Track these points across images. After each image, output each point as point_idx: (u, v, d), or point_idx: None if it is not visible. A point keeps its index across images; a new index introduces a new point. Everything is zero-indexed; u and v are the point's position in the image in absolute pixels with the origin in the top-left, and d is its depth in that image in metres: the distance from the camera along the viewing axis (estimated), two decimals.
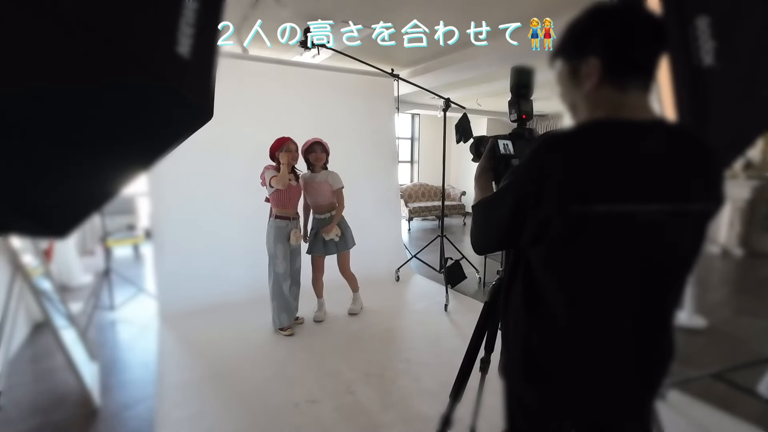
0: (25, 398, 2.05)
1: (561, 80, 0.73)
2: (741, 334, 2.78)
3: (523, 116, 1.06)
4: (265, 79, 3.49)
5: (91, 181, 0.69)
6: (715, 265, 4.55)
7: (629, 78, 0.65)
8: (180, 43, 0.74)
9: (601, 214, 0.62)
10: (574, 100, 0.72)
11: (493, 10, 3.00)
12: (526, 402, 0.78)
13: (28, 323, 2.79)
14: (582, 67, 0.67)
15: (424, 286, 3.87)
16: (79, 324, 2.45)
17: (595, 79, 0.66)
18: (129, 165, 0.73)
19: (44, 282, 2.19)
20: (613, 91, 0.66)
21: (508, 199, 0.70)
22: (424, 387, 2.12)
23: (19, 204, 0.62)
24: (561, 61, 0.72)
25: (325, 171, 2.83)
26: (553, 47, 0.73)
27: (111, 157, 0.69)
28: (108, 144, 0.66)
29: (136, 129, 0.69)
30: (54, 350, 2.44)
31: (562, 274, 0.68)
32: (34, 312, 2.76)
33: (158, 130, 0.74)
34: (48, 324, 1.84)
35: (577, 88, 0.69)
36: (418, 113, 8.18)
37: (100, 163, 0.67)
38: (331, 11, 3.01)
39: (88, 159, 0.65)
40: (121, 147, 0.69)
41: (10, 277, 1.76)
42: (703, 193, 0.65)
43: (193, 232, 3.25)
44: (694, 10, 1.20)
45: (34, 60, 0.52)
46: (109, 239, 3.67)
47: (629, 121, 0.65)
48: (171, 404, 1.98)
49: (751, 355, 2.33)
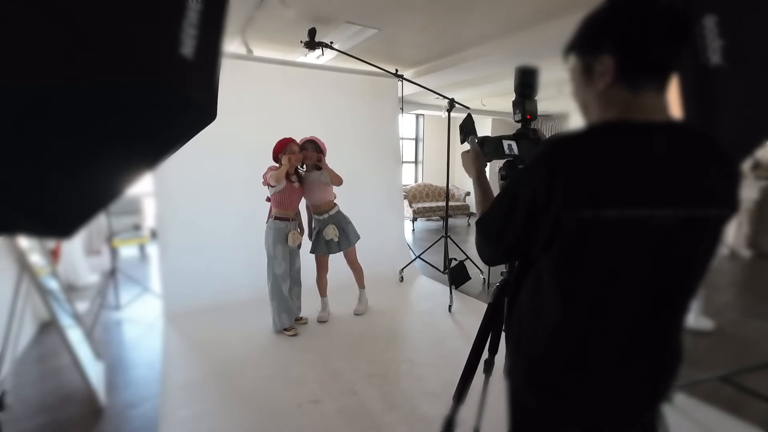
0: (32, 397, 2.06)
1: (574, 77, 0.70)
2: (749, 336, 2.75)
3: (527, 116, 1.05)
4: (269, 79, 3.51)
5: (96, 182, 0.69)
6: (722, 267, 4.50)
7: (644, 78, 0.62)
8: (183, 44, 0.75)
9: (612, 219, 0.60)
10: (586, 98, 0.69)
11: (497, 10, 2.99)
12: (529, 406, 0.77)
13: (35, 322, 2.81)
14: (595, 65, 0.64)
15: (428, 286, 3.86)
16: (85, 323, 2.47)
17: (608, 78, 0.63)
18: (133, 165, 0.73)
19: (51, 281, 2.21)
20: (627, 91, 0.63)
21: (515, 207, 0.68)
22: (428, 388, 2.12)
23: (24, 204, 0.62)
24: (574, 56, 0.69)
25: (318, 171, 2.80)
26: (568, 41, 0.69)
27: (115, 158, 0.69)
28: (112, 144, 0.66)
29: (140, 129, 0.69)
30: (60, 349, 2.47)
31: (571, 278, 0.66)
32: (40, 311, 2.79)
33: (162, 130, 0.74)
34: (54, 323, 1.85)
35: (590, 86, 0.67)
36: (423, 114, 8.18)
37: (104, 164, 0.68)
38: (335, 12, 3.01)
39: (92, 159, 0.65)
40: (126, 147, 0.69)
41: (18, 277, 1.78)
42: (717, 198, 0.63)
43: (198, 232, 3.27)
44: (701, 8, 1.19)
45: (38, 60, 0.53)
46: (115, 239, 3.70)
47: (642, 122, 0.62)
48: (175, 403, 1.99)
49: (759, 358, 2.30)
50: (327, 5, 2.88)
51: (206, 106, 0.78)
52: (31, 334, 2.72)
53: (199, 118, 0.77)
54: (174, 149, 0.79)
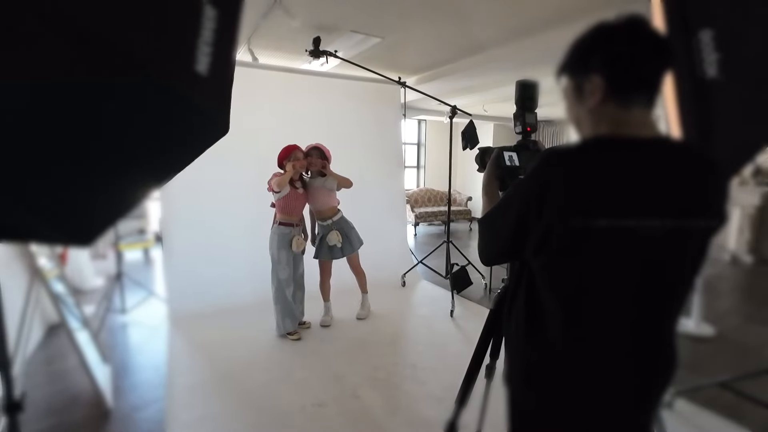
0: (40, 399, 2.10)
1: (566, 96, 0.75)
2: (750, 342, 2.75)
3: (527, 128, 1.08)
4: (273, 86, 3.56)
5: (117, 192, 0.73)
6: (724, 273, 4.50)
7: (633, 95, 0.66)
8: (198, 61, 0.79)
9: (602, 228, 0.63)
10: (578, 115, 0.73)
11: (497, 20, 3.03)
12: (528, 407, 0.80)
13: (43, 325, 2.85)
14: (585, 84, 0.68)
15: (430, 291, 3.88)
16: (92, 326, 2.50)
17: (598, 96, 0.67)
18: (151, 176, 0.77)
19: (58, 285, 2.25)
20: (617, 108, 0.66)
21: (511, 211, 0.72)
22: (430, 392, 2.14)
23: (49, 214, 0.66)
24: (565, 77, 0.73)
25: (322, 177, 2.84)
26: (559, 63, 0.74)
27: (135, 170, 0.73)
28: (133, 156, 0.70)
29: (159, 144, 0.73)
30: (67, 352, 2.50)
31: (562, 285, 0.69)
32: (48, 314, 2.83)
33: (179, 143, 0.78)
34: (63, 326, 1.89)
35: (581, 104, 0.71)
36: (425, 119, 8.23)
37: (124, 176, 0.71)
38: (340, 21, 3.07)
39: (115, 171, 0.69)
40: (144, 161, 0.73)
41: (29, 281, 1.82)
42: (705, 210, 0.66)
43: (203, 236, 3.31)
44: (697, 23, 1.22)
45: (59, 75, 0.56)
46: (121, 243, 3.74)
47: (632, 137, 0.66)
48: (180, 406, 2.02)
49: (761, 364, 2.31)
50: (332, 15, 2.93)
51: (219, 120, 0.81)
52: (39, 336, 2.75)
53: (213, 132, 0.81)
54: (189, 161, 0.83)
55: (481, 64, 4.02)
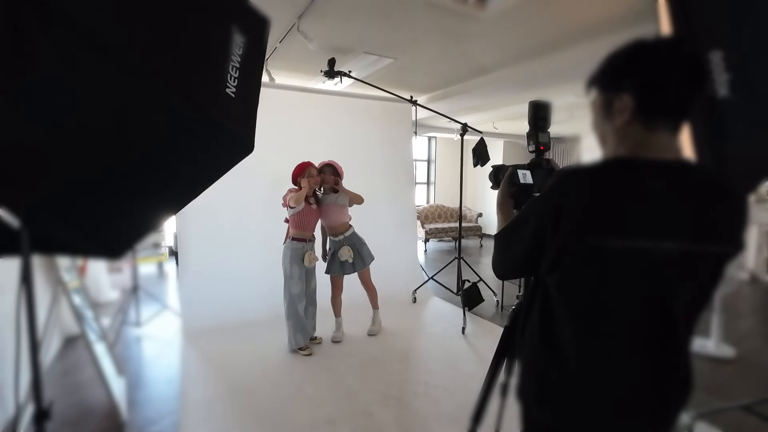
0: (56, 410, 2.10)
1: (594, 109, 0.74)
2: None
3: (540, 147, 1.11)
4: (289, 105, 3.65)
5: (149, 210, 0.77)
6: (743, 292, 4.38)
7: (660, 119, 0.65)
8: (228, 85, 0.84)
9: (616, 248, 0.63)
10: (604, 131, 0.73)
11: (505, 42, 3.10)
12: (543, 423, 0.79)
13: (60, 337, 2.90)
14: (615, 102, 0.67)
15: (441, 308, 3.86)
16: (108, 339, 2.54)
17: (626, 115, 0.66)
18: (181, 196, 0.81)
19: (77, 297, 2.31)
20: (642, 130, 0.66)
21: (527, 228, 0.74)
22: (443, 411, 2.11)
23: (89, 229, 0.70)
24: (596, 90, 0.73)
25: (334, 193, 2.89)
26: (591, 74, 0.72)
27: (169, 191, 0.77)
28: (170, 180, 0.74)
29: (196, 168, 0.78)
30: (82, 364, 2.54)
31: (575, 302, 0.70)
32: (67, 326, 2.88)
33: (210, 165, 0.83)
34: (83, 338, 1.93)
35: (608, 120, 0.70)
36: (435, 136, 8.31)
37: (159, 195, 0.76)
38: (354, 43, 3.16)
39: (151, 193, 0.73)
40: (179, 182, 0.77)
41: (52, 293, 1.87)
42: (721, 235, 0.66)
43: (216, 251, 3.37)
44: (707, 45, 1.24)
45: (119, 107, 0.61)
46: (137, 257, 3.81)
47: (652, 160, 0.65)
48: (193, 421, 2.02)
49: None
50: (347, 37, 3.03)
51: (246, 140, 0.86)
52: (56, 348, 2.80)
53: (240, 152, 0.85)
54: (214, 180, 0.87)
55: (489, 83, 4.09)
